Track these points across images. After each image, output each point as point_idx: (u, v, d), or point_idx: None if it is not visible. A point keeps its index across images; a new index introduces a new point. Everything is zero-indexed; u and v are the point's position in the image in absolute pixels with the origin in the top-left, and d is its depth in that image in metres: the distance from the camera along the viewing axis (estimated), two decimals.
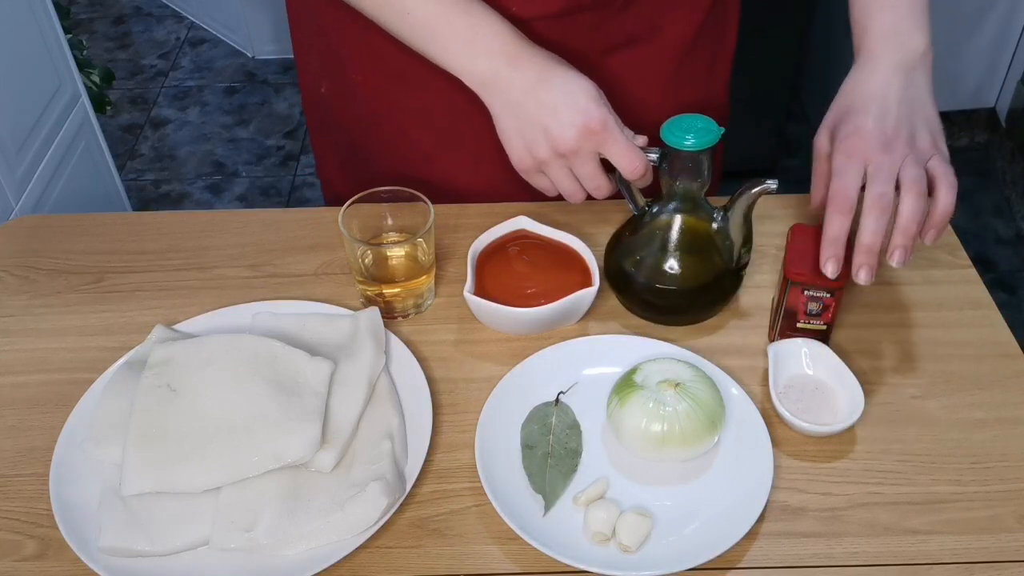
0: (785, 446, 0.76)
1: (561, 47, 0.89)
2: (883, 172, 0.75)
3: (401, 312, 0.87)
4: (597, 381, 0.80)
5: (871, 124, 0.77)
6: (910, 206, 0.73)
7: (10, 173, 1.59)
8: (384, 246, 0.88)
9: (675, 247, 0.83)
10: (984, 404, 0.79)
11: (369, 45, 0.92)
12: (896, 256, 0.74)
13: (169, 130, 2.77)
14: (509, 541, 0.70)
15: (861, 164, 0.76)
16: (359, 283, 0.86)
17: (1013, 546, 0.70)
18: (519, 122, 0.81)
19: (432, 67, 0.91)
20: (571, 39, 0.89)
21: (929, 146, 0.78)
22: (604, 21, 0.89)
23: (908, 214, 0.73)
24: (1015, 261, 2.30)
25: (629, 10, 0.90)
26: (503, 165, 0.94)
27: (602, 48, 0.91)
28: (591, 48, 0.91)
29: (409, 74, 0.91)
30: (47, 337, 0.87)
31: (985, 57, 2.43)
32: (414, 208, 0.85)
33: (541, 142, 0.80)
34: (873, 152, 0.76)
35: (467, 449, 0.76)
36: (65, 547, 0.69)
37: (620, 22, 0.90)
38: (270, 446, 0.72)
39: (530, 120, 0.80)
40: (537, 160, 0.82)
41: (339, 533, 0.69)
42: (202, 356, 0.78)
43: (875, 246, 0.74)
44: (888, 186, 0.74)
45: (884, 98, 0.79)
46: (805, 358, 0.81)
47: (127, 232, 0.98)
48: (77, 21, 3.17)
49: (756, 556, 0.69)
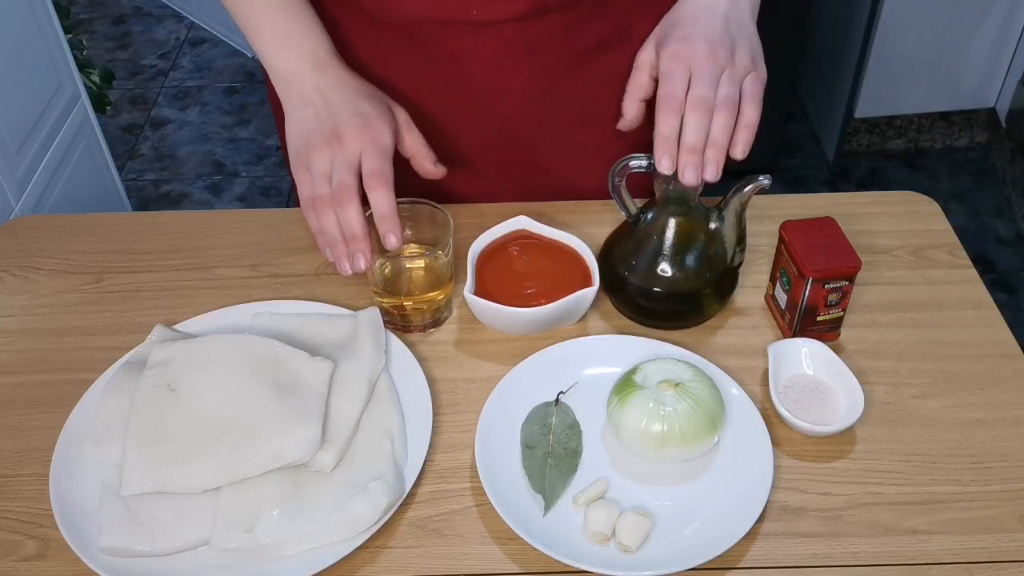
0: (785, 446, 0.76)
1: (532, 53, 0.89)
2: (705, 76, 0.77)
3: (418, 325, 0.86)
4: (597, 381, 0.80)
5: (697, 32, 0.80)
6: (721, 122, 0.76)
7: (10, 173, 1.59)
8: (403, 258, 0.87)
9: (670, 251, 0.82)
10: (984, 404, 0.79)
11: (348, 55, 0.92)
12: (709, 170, 0.76)
13: (169, 130, 2.77)
14: (509, 541, 0.70)
15: (686, 68, 0.78)
16: (375, 295, 0.86)
17: (1013, 546, 0.70)
18: (304, 113, 0.83)
19: (414, 76, 0.91)
20: (541, 44, 0.89)
21: (748, 63, 0.80)
22: (572, 24, 0.89)
23: (718, 128, 0.76)
24: (1015, 261, 2.30)
25: (596, 13, 0.90)
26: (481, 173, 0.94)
27: (573, 54, 0.91)
28: (562, 54, 0.91)
29: (381, 83, 0.91)
30: (47, 337, 0.87)
31: (985, 57, 2.43)
32: (433, 219, 0.85)
33: (317, 136, 0.81)
34: (697, 58, 0.78)
35: (467, 449, 0.76)
36: (65, 547, 0.69)
37: (589, 25, 0.90)
38: (270, 446, 0.72)
39: (313, 115, 0.82)
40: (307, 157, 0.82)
41: (339, 533, 0.69)
42: (202, 356, 0.78)
43: (698, 145, 0.76)
44: (710, 90, 0.77)
45: (711, 13, 0.81)
46: (805, 358, 0.81)
47: (127, 232, 0.98)
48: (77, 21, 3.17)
49: (756, 556, 0.69)
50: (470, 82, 0.91)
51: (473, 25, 0.86)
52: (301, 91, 0.84)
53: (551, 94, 0.93)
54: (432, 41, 0.89)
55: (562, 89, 0.93)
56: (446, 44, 0.89)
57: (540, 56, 0.90)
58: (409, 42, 0.89)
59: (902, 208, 0.98)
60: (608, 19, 0.91)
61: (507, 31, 0.87)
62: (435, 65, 0.90)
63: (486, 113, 0.94)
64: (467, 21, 0.86)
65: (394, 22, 0.88)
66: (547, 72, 0.92)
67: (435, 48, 0.89)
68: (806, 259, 0.79)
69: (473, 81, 0.91)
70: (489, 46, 0.88)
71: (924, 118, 2.56)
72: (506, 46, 0.88)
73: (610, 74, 0.90)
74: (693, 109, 0.76)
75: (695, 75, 0.78)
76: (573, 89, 0.94)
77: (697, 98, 0.76)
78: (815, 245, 0.80)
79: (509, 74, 0.91)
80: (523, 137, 0.96)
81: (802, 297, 0.80)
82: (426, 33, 0.88)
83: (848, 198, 1.00)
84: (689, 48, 0.79)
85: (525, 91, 0.92)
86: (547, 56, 0.90)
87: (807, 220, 0.83)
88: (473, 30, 0.87)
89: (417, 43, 0.89)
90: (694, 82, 0.77)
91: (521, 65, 0.90)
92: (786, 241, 0.82)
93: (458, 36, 0.88)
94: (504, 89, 0.92)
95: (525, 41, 0.88)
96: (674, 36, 0.81)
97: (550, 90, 0.93)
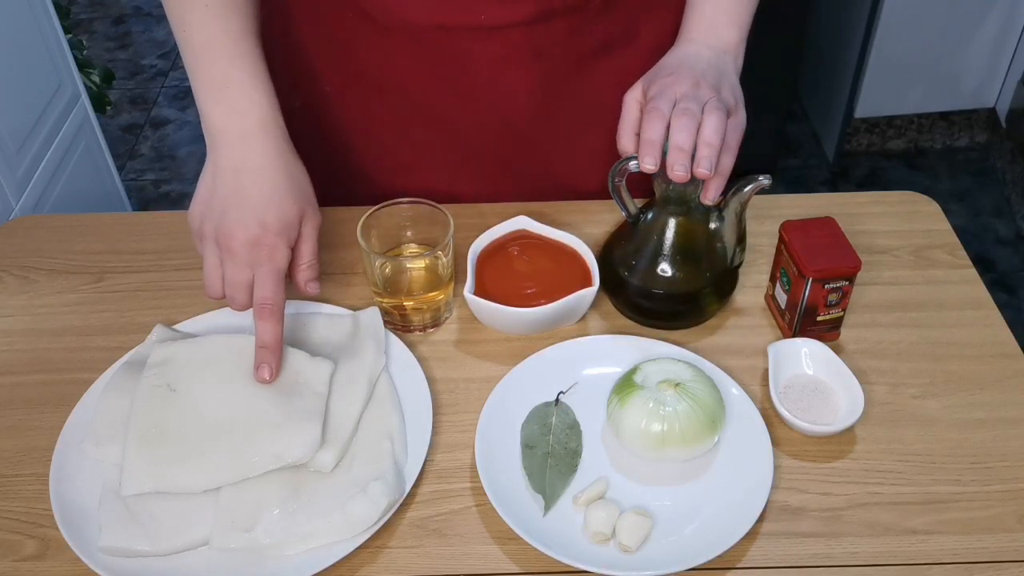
0: (785, 446, 0.76)
1: (538, 56, 0.89)
2: (689, 98, 0.77)
3: (418, 326, 0.86)
4: (597, 381, 0.80)
5: (683, 71, 0.80)
6: (712, 123, 0.75)
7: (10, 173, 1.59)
8: (403, 258, 0.87)
9: (670, 251, 0.82)
10: (984, 404, 0.79)
11: (343, 59, 0.92)
12: (702, 164, 0.75)
13: (169, 130, 2.77)
14: (509, 541, 0.70)
15: (672, 96, 0.78)
16: (375, 295, 0.86)
17: (1013, 546, 0.70)
18: (211, 184, 0.79)
19: (418, 78, 0.91)
20: (546, 47, 0.89)
21: (732, 102, 0.80)
22: (579, 27, 0.89)
23: (709, 129, 0.75)
24: (1015, 261, 2.30)
25: (603, 15, 0.90)
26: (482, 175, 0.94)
27: (578, 55, 0.91)
28: (567, 57, 0.91)
29: (385, 86, 0.91)
30: (47, 337, 0.87)
31: (985, 57, 2.43)
32: (433, 219, 0.85)
33: (213, 220, 0.78)
34: (683, 88, 0.78)
35: (467, 449, 0.76)
36: (65, 547, 0.69)
37: (595, 28, 0.90)
38: (270, 446, 0.72)
39: (220, 194, 0.78)
40: (202, 232, 0.80)
41: (339, 533, 0.69)
42: (202, 356, 0.78)
43: (687, 145, 0.75)
44: (696, 105, 0.76)
45: (696, 59, 0.82)
46: (805, 358, 0.81)
47: (127, 232, 0.98)
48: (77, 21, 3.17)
49: (756, 556, 0.69)
50: (474, 85, 0.91)
51: (479, 30, 0.86)
52: (216, 159, 0.80)
53: (555, 96, 0.93)
54: (437, 45, 0.88)
55: (566, 91, 0.93)
56: (451, 48, 0.88)
57: (545, 59, 0.90)
58: (414, 46, 0.89)
59: (902, 208, 0.98)
60: (614, 21, 0.91)
61: (513, 35, 0.87)
62: (439, 68, 0.90)
63: (489, 115, 0.94)
64: (473, 26, 0.86)
65: (400, 27, 0.88)
66: (552, 75, 0.92)
67: (440, 52, 0.89)
68: (806, 259, 0.79)
69: (477, 84, 0.91)
70: (495, 50, 0.88)
71: (924, 118, 2.56)
72: (512, 50, 0.88)
73: (615, 75, 0.90)
74: (679, 116, 0.76)
75: (681, 98, 0.77)
76: (577, 91, 0.94)
77: (683, 109, 0.76)
78: (815, 245, 0.80)
79: (514, 77, 0.91)
80: (526, 139, 0.96)
81: (802, 297, 0.80)
82: (431, 38, 0.88)
83: (848, 198, 1.00)
84: (675, 80, 0.79)
85: (530, 94, 0.92)
86: (552, 59, 0.90)
87: (807, 220, 0.83)
88: (479, 35, 0.87)
89: (422, 47, 0.89)
90: (680, 101, 0.77)
91: (526, 68, 0.90)
92: (786, 241, 0.82)
93: (464, 40, 0.88)
94: (508, 92, 0.92)
95: (531, 45, 0.88)
96: (661, 75, 0.81)
97: (554, 92, 0.93)
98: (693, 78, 0.79)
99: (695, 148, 0.74)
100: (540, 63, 0.90)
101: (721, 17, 0.85)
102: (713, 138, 0.75)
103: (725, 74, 0.82)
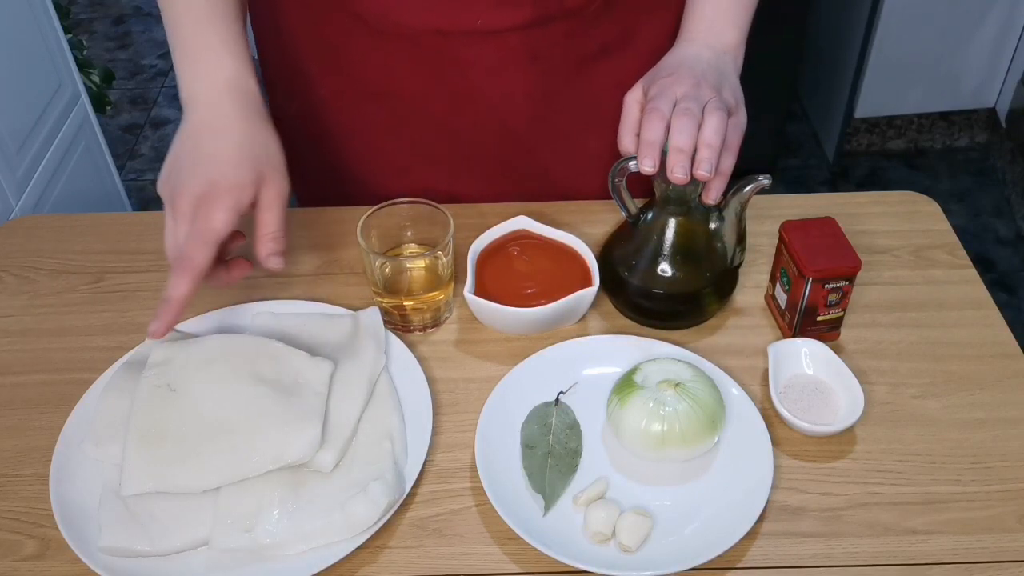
0: (785, 446, 0.76)
1: (535, 59, 0.89)
2: (689, 99, 0.77)
3: (418, 326, 0.86)
4: (597, 381, 0.80)
5: (682, 71, 0.80)
6: (712, 124, 0.75)
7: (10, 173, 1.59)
8: (403, 258, 0.87)
9: (670, 251, 0.82)
10: (984, 404, 0.79)
11: (340, 63, 0.92)
12: (702, 167, 0.75)
13: (169, 130, 2.77)
14: (509, 541, 0.70)
15: (672, 96, 0.78)
16: (375, 295, 0.86)
17: (1013, 546, 0.70)
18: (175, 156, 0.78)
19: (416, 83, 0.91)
20: (544, 51, 0.89)
21: (732, 102, 0.80)
22: (576, 30, 0.89)
23: (710, 130, 0.75)
24: (1015, 261, 2.30)
25: (601, 18, 0.90)
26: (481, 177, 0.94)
27: (577, 58, 0.91)
28: (565, 60, 0.91)
29: (383, 90, 0.91)
30: (47, 337, 0.87)
31: (985, 57, 2.43)
32: (433, 219, 0.85)
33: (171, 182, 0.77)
34: (683, 88, 0.78)
35: (467, 449, 0.76)
36: (65, 547, 0.69)
37: (592, 31, 0.90)
38: (270, 446, 0.72)
39: (179, 155, 0.78)
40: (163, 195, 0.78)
41: (339, 533, 0.69)
42: (202, 356, 0.78)
43: (687, 147, 0.74)
44: (696, 106, 0.76)
45: (696, 59, 0.82)
46: (805, 358, 0.81)
47: (127, 232, 0.98)
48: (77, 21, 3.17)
49: (756, 556, 0.69)
50: (473, 88, 0.91)
51: (476, 34, 0.86)
52: (184, 126, 0.79)
53: (554, 99, 0.93)
54: (434, 50, 0.88)
55: (565, 94, 0.93)
56: (449, 53, 0.88)
57: (543, 63, 0.90)
58: (411, 50, 0.89)
59: (902, 208, 0.98)
60: (611, 24, 0.91)
61: (511, 39, 0.87)
62: (437, 72, 0.90)
63: (488, 118, 0.94)
64: (471, 31, 0.86)
65: (396, 32, 0.88)
66: (550, 78, 0.92)
67: (437, 56, 0.89)
68: (806, 259, 0.79)
69: (476, 88, 0.91)
70: (493, 54, 0.88)
71: (924, 118, 2.56)
72: (510, 54, 0.88)
73: (613, 78, 0.90)
74: (679, 116, 0.75)
75: (681, 98, 0.77)
76: (576, 94, 0.94)
77: (683, 109, 0.76)
78: (815, 245, 0.80)
79: (512, 81, 0.91)
80: (525, 141, 0.96)
81: (802, 297, 0.80)
82: (428, 42, 0.88)
83: (848, 198, 1.00)
84: (675, 80, 0.79)
85: (527, 97, 0.92)
86: (550, 62, 0.90)
87: (807, 220, 0.83)
88: (477, 39, 0.87)
89: (420, 52, 0.89)
90: (680, 101, 0.77)
91: (524, 72, 0.90)
92: (786, 241, 0.82)
93: (461, 45, 0.88)
94: (506, 95, 0.92)
95: (529, 48, 0.88)
96: (661, 75, 0.81)
97: (553, 95, 0.93)
98: (693, 78, 0.79)
99: (695, 149, 0.74)
100: (538, 66, 0.90)
101: (721, 17, 0.85)
102: (713, 139, 0.75)
103: (725, 74, 0.82)
